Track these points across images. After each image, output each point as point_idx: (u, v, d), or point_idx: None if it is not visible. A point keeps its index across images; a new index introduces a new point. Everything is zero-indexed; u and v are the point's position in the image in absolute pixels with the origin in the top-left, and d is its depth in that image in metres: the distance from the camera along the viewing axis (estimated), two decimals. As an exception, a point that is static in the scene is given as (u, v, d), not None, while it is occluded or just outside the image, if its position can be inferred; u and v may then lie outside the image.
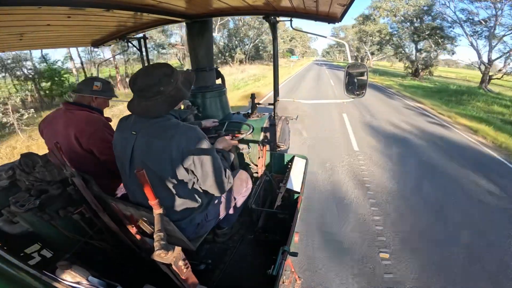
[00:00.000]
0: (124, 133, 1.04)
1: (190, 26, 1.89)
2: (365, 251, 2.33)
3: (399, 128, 6.27)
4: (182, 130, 0.99)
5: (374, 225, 2.68)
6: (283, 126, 2.30)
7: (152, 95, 0.97)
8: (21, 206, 1.01)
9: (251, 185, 1.57)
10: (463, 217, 2.87)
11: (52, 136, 1.40)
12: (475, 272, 2.15)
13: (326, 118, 7.04)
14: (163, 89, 0.97)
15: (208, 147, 1.02)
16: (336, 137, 5.49)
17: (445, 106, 9.74)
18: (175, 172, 0.99)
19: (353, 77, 1.68)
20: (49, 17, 1.15)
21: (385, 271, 2.12)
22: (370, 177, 3.73)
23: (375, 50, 36.81)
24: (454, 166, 4.19)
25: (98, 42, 2.09)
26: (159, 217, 0.75)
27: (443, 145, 5.19)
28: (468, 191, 3.43)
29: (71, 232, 1.16)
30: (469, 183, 3.65)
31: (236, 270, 1.46)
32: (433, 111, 8.83)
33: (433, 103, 9.99)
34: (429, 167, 4.10)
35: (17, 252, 1.08)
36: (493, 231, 2.66)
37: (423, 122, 7.06)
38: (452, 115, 8.02)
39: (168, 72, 0.99)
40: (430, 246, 2.41)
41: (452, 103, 10.60)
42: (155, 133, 0.98)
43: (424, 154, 4.64)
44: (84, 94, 1.46)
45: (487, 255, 2.32)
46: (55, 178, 1.14)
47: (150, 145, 0.98)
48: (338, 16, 1.49)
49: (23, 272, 0.53)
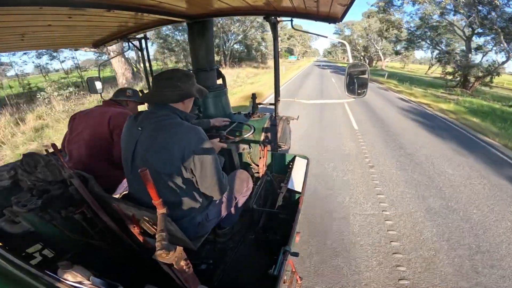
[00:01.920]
0: (131, 130, 1.07)
1: (191, 26, 1.89)
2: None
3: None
4: (185, 129, 1.02)
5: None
6: (284, 126, 2.30)
7: (169, 86, 1.06)
8: (23, 206, 1.01)
9: (252, 185, 1.57)
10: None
11: (81, 124, 1.54)
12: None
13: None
14: (179, 84, 1.07)
15: (210, 149, 1.04)
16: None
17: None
18: (175, 169, 1.00)
19: (354, 77, 1.68)
20: (50, 17, 1.15)
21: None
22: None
23: (396, 48, 29.09)
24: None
25: (99, 42, 2.09)
26: (162, 217, 0.75)
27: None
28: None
29: (72, 232, 1.17)
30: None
31: (237, 270, 1.46)
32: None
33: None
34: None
35: (18, 252, 1.08)
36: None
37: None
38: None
39: (189, 75, 1.13)
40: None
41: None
42: (160, 127, 1.01)
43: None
44: (121, 98, 1.73)
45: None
46: (56, 178, 1.14)
47: (153, 139, 1.00)
48: (339, 16, 1.49)
49: (24, 272, 0.53)
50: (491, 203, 2.91)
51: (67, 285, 0.62)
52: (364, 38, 36.34)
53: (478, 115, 8.10)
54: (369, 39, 35.55)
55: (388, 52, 34.37)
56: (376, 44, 33.17)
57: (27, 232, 1.08)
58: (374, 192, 3.14)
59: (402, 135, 5.45)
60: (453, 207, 2.83)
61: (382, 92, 12.71)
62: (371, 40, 35.43)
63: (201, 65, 2.01)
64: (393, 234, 2.42)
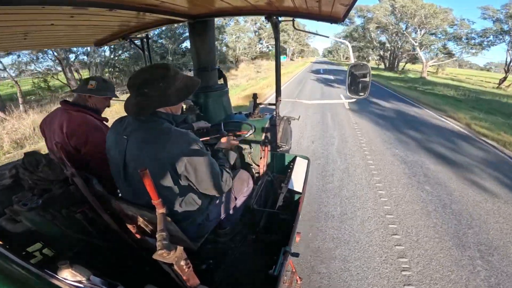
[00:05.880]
0: (117, 137, 1.03)
1: (192, 26, 1.89)
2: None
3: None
4: (174, 136, 0.96)
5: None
6: (285, 126, 2.29)
7: (140, 95, 0.96)
8: (24, 205, 1.01)
9: (252, 185, 1.57)
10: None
11: (50, 136, 1.42)
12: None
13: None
14: (148, 92, 0.95)
15: (201, 152, 1.00)
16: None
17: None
18: (169, 178, 0.97)
19: (355, 77, 1.68)
20: (53, 16, 1.15)
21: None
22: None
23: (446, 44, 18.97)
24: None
25: (101, 41, 2.10)
26: (162, 217, 0.75)
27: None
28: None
29: (73, 231, 1.17)
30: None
31: (237, 270, 1.45)
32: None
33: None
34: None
35: (19, 251, 1.08)
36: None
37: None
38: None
39: (163, 75, 0.97)
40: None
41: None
42: (146, 138, 0.96)
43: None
44: (80, 93, 1.45)
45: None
46: (58, 177, 1.14)
47: (142, 151, 0.96)
48: (341, 16, 1.49)
49: (24, 270, 0.53)
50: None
51: (67, 284, 0.62)
52: (389, 28, 23.21)
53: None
54: (398, 31, 23.00)
55: (431, 50, 21.37)
56: (404, 37, 21.20)
57: (27, 231, 1.08)
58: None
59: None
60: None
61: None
62: (399, 32, 22.85)
63: (202, 65, 2.00)
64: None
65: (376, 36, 28.86)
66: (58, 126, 1.38)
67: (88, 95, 1.45)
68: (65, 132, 1.35)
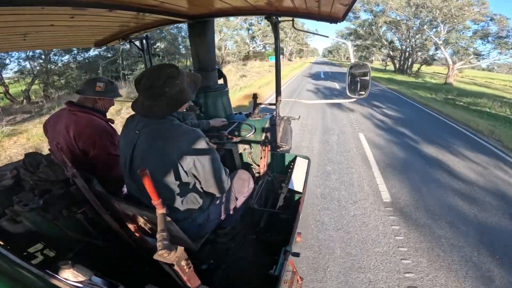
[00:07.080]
0: (129, 132, 1.05)
1: (192, 27, 1.89)
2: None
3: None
4: (183, 133, 0.99)
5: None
6: (285, 126, 2.29)
7: (156, 96, 0.96)
8: (24, 206, 1.01)
9: (252, 185, 1.57)
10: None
11: (54, 137, 1.41)
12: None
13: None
14: (167, 90, 0.96)
15: (209, 149, 1.03)
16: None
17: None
18: (175, 174, 0.99)
19: (355, 77, 1.68)
20: (53, 17, 1.15)
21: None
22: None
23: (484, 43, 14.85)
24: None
25: (101, 42, 2.10)
26: (162, 217, 0.75)
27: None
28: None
29: (74, 231, 1.17)
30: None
31: (238, 270, 1.45)
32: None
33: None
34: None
35: (20, 251, 1.08)
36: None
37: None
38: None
39: (174, 74, 0.98)
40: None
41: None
42: (157, 135, 0.99)
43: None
44: (87, 95, 1.44)
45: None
46: (58, 177, 1.14)
47: (151, 146, 0.98)
48: (340, 15, 1.49)
49: (26, 271, 0.53)
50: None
51: (68, 285, 0.62)
52: (403, 23, 19.34)
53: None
54: (413, 26, 18.86)
55: (461, 49, 16.30)
56: (422, 34, 16.71)
57: (28, 231, 1.08)
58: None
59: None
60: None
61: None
62: (413, 28, 18.59)
63: (202, 65, 2.00)
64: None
65: (383, 33, 24.91)
66: (64, 127, 1.37)
67: (98, 97, 1.45)
68: (72, 135, 1.35)
